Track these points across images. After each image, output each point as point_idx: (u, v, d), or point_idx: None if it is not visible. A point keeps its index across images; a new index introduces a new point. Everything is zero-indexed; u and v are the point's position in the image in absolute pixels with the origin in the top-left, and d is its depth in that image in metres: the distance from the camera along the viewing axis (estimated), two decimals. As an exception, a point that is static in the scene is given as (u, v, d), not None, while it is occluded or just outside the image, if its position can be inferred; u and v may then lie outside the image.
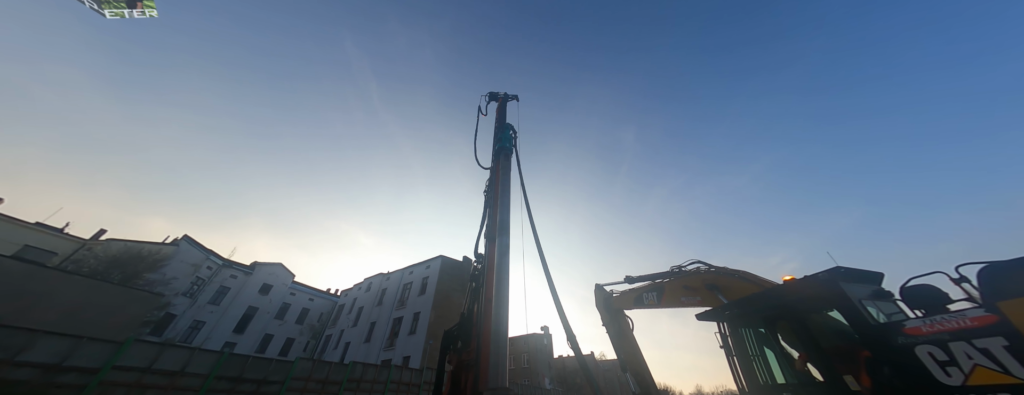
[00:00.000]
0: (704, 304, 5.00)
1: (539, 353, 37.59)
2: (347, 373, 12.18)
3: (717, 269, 5.00)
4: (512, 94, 11.04)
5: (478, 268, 8.19)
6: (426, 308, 25.83)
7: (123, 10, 8.74)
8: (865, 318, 2.93)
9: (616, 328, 6.84)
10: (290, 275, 36.38)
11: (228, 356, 9.81)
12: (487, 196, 9.52)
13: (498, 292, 5.81)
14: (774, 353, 3.94)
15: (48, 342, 7.32)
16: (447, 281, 27.59)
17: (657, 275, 6.08)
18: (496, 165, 9.55)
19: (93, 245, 22.83)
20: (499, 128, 10.69)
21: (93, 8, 8.40)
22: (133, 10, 8.84)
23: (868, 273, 3.42)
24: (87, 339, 7.80)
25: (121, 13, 8.77)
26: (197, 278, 27.93)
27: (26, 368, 6.86)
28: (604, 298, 7.25)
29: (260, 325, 31.99)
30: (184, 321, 26.75)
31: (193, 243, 28.24)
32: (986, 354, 2.28)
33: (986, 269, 2.52)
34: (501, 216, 7.55)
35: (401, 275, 31.48)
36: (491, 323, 5.67)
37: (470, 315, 7.57)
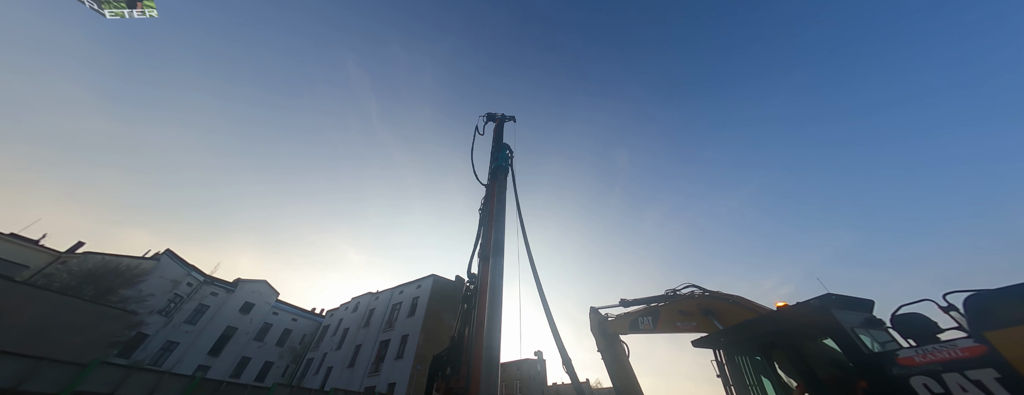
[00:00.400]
0: (700, 329, 4.93)
1: (532, 380, 35.91)
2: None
3: (711, 293, 4.97)
4: (509, 115, 11.35)
5: (471, 288, 8.01)
6: (415, 330, 24.82)
7: (123, 10, 8.59)
8: (859, 347, 2.91)
9: (612, 354, 6.65)
10: (274, 293, 35.00)
11: (200, 381, 9.18)
12: (482, 214, 9.52)
13: (490, 315, 5.65)
14: (771, 382, 3.85)
15: (4, 364, 6.80)
16: (438, 302, 26.76)
17: (652, 299, 6.02)
18: (492, 184, 9.64)
19: (68, 258, 21.88)
20: (496, 147, 10.91)
21: (93, 8, 8.25)
22: (133, 10, 8.71)
23: (859, 300, 3.44)
24: (48, 361, 7.27)
25: (121, 13, 8.62)
26: (175, 295, 26.68)
27: (-24, 393, 6.33)
28: (599, 322, 7.10)
29: (238, 347, 30.27)
30: (156, 342, 25.21)
31: (175, 258, 27.26)
32: (979, 386, 2.26)
33: (972, 298, 2.55)
34: (496, 235, 7.51)
35: (390, 295, 30.48)
36: (482, 348, 5.47)
37: (461, 339, 7.30)
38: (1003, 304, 2.35)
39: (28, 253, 20.84)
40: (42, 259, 21.17)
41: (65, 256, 22.10)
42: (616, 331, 6.84)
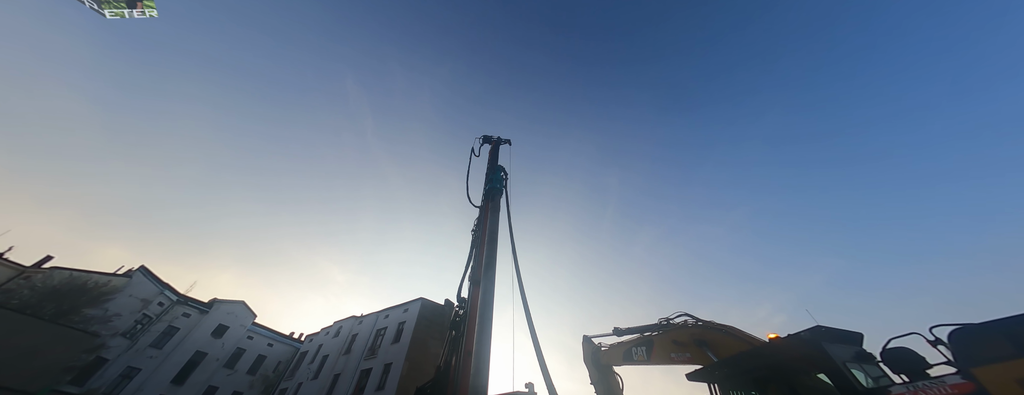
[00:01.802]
0: (694, 361, 4.80)
1: (520, 415, 33.70)
2: (297, 438, 10.45)
3: (704, 323, 4.89)
4: (505, 138, 11.63)
5: (460, 314, 7.73)
6: (399, 358, 23.46)
7: (123, 10, 8.55)
8: (852, 383, 2.88)
9: (605, 387, 6.37)
10: (251, 315, 33.17)
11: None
12: (474, 236, 9.44)
13: (479, 343, 5.39)
14: None
15: (-61, 392, 6.15)
16: (425, 327, 25.60)
17: (645, 327, 5.89)
18: (486, 205, 9.66)
19: (32, 273, 20.64)
20: (491, 169, 11.05)
21: (93, 8, 8.20)
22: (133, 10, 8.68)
23: (848, 333, 3.44)
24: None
25: (121, 13, 8.58)
26: (144, 315, 25.07)
27: (-102, 426, 5.65)
28: (593, 352, 6.86)
29: (205, 375, 28.09)
30: (115, 367, 23.26)
31: (149, 275, 25.96)
32: None
33: (957, 332, 2.58)
34: (487, 258, 7.39)
35: (375, 319, 29.13)
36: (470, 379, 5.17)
37: (447, 369, 6.95)
38: (987, 340, 2.37)
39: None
40: (4, 274, 19.94)
41: (29, 271, 20.87)
42: (609, 362, 6.60)
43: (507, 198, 9.35)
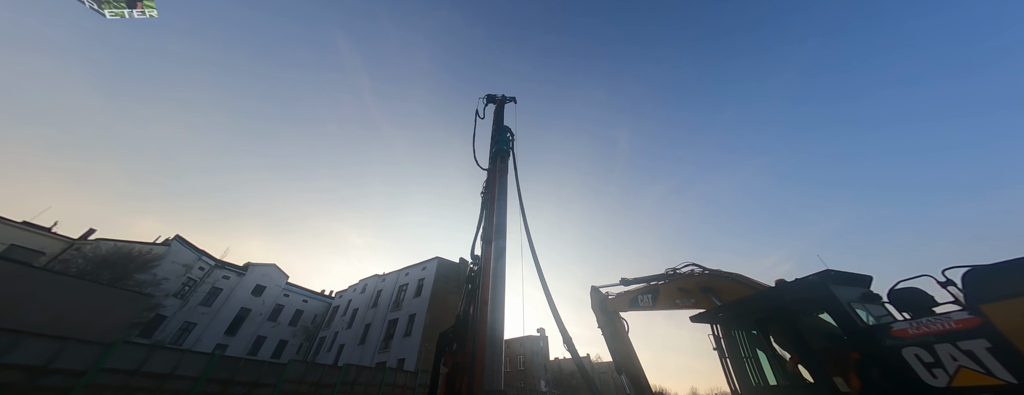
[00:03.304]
0: (698, 306, 5.06)
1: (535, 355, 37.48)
2: (341, 376, 12.05)
3: (711, 272, 5.05)
4: (510, 96, 11.10)
5: (474, 270, 8.18)
6: (422, 310, 25.65)
7: (123, 10, 8.75)
8: (854, 320, 2.99)
9: (611, 330, 6.87)
10: (284, 276, 35.98)
11: (219, 358, 9.66)
12: (484, 198, 9.54)
13: (494, 294, 5.81)
14: (766, 355, 3.99)
15: (32, 344, 7.16)
16: (443, 283, 27.44)
17: (652, 277, 6.13)
18: (493, 167, 9.59)
19: (82, 245, 22.43)
20: (496, 130, 10.73)
21: (93, 8, 8.41)
22: (133, 10, 8.87)
23: (857, 276, 3.49)
24: (73, 341, 7.64)
25: (121, 13, 8.78)
26: (188, 279, 27.52)
27: (9, 370, 6.71)
28: (600, 300, 7.28)
29: (252, 327, 31.56)
30: (174, 323, 26.31)
31: (185, 243, 27.86)
32: (970, 356, 2.33)
33: (970, 273, 2.58)
34: (498, 219, 7.57)
35: (396, 277, 31.25)
36: (487, 325, 5.67)
37: (466, 317, 7.55)
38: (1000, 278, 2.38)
39: (43, 240, 21.37)
40: (57, 246, 21.73)
41: (79, 243, 22.65)
42: (616, 309, 7.03)
43: (515, 159, 9.24)
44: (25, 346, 7.05)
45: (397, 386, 13.79)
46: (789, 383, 3.68)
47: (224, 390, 9.37)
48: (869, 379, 2.84)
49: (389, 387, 13.43)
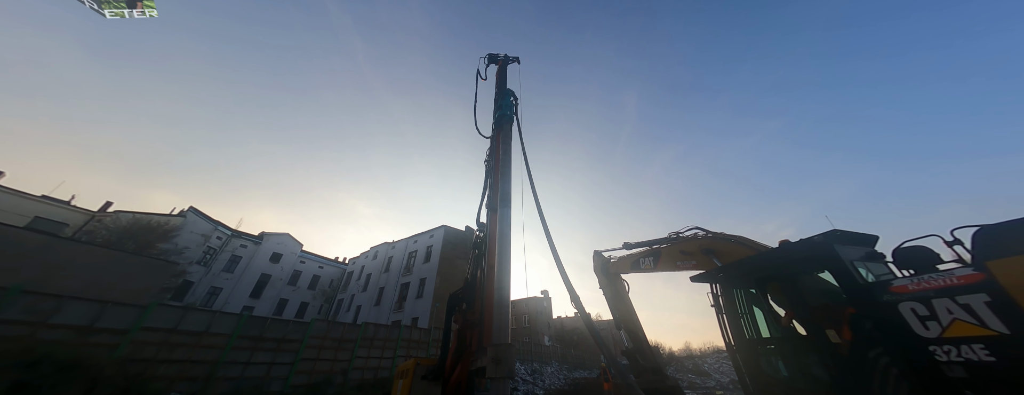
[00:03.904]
0: (699, 268, 5.18)
1: (539, 315, 39.91)
2: (360, 332, 13.05)
3: (714, 234, 5.10)
4: (512, 56, 10.47)
5: (480, 237, 8.38)
6: (431, 274, 26.92)
7: (123, 10, 8.76)
8: (854, 277, 3.04)
9: (612, 291, 7.18)
10: (298, 244, 37.44)
11: (248, 317, 10.44)
12: (488, 166, 9.43)
13: (500, 259, 6.01)
14: (762, 311, 4.17)
15: (75, 306, 7.76)
16: (450, 249, 28.42)
17: (655, 241, 6.23)
18: (497, 134, 9.33)
19: (102, 217, 23.25)
20: (499, 94, 10.26)
21: (93, 8, 8.42)
22: (133, 10, 8.88)
23: (864, 236, 3.49)
24: (112, 304, 8.25)
25: (121, 13, 8.79)
26: (208, 248, 28.81)
27: (60, 329, 7.35)
28: (602, 263, 7.51)
29: (274, 291, 33.66)
30: (202, 288, 28.11)
31: (200, 214, 28.70)
32: (967, 309, 2.39)
33: (980, 231, 2.56)
34: (502, 187, 7.53)
35: (406, 244, 32.37)
36: (494, 286, 5.93)
37: (474, 280, 7.89)
38: (1010, 235, 2.36)
39: (64, 212, 22.15)
40: (78, 218, 22.57)
41: (99, 215, 23.47)
42: (617, 271, 7.26)
43: (519, 125, 8.96)
44: (68, 308, 7.65)
45: (412, 341, 14.98)
46: (782, 336, 3.88)
47: (255, 345, 10.26)
48: (861, 331, 2.97)
49: (405, 342, 14.58)
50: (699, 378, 32.78)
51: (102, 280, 10.20)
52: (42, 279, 8.28)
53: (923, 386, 2.56)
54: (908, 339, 2.64)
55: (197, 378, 8.86)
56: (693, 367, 38.35)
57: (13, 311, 6.92)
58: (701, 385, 27.62)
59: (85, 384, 6.25)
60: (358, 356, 12.58)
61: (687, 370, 36.05)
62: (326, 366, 11.61)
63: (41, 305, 7.29)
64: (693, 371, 35.99)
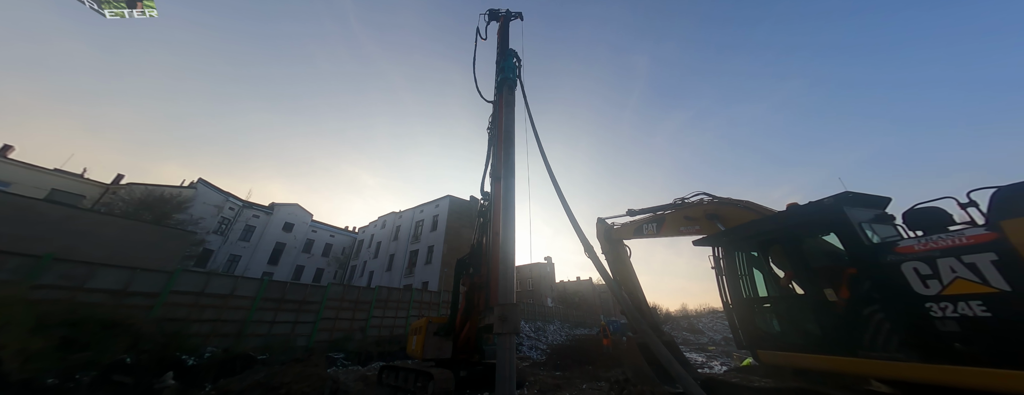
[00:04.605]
0: (702, 233, 5.22)
1: (542, 279, 41.68)
2: (375, 295, 13.86)
3: (720, 200, 5.06)
4: (515, 12, 9.72)
5: (485, 206, 8.47)
6: (439, 242, 27.79)
7: (123, 10, 8.81)
8: (860, 239, 3.04)
9: (614, 255, 7.36)
10: (308, 214, 38.39)
11: (269, 282, 11.08)
12: (491, 133, 9.22)
13: (504, 227, 6.12)
14: (762, 273, 4.26)
15: (107, 273, 8.25)
16: (456, 218, 28.98)
17: (660, 207, 6.23)
18: (499, 99, 8.99)
19: (116, 189, 23.81)
20: (501, 55, 9.71)
21: (93, 8, 8.45)
22: (133, 10, 8.94)
23: (875, 198, 3.42)
24: (141, 270, 8.76)
25: (121, 13, 8.84)
26: (222, 218, 29.73)
27: (96, 293, 7.90)
28: (605, 230, 7.62)
29: (290, 258, 35.26)
30: (221, 255, 29.52)
31: (209, 186, 29.20)
32: (971, 268, 2.41)
33: (999, 191, 2.50)
34: (506, 154, 7.43)
35: (412, 213, 33.01)
36: (499, 251, 6.11)
37: (479, 246, 8.14)
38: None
39: (79, 185, 22.69)
40: (94, 191, 23.15)
41: (113, 187, 24.01)
42: (620, 237, 7.38)
43: (523, 88, 8.56)
44: (101, 274, 8.15)
45: (423, 303, 15.92)
46: (779, 295, 4.01)
47: (278, 307, 11.00)
48: (859, 290, 3.04)
49: (417, 303, 15.52)
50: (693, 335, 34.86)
51: (126, 249, 10.72)
52: (69, 248, 8.72)
53: (913, 339, 2.66)
54: (905, 297, 2.71)
55: (228, 335, 9.66)
56: (688, 326, 40.60)
57: (50, 277, 7.40)
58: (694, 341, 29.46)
59: (127, 341, 6.86)
60: (374, 316, 13.50)
61: (682, 329, 38.24)
62: (345, 324, 12.53)
63: (74, 271, 7.77)
64: (688, 329, 38.19)
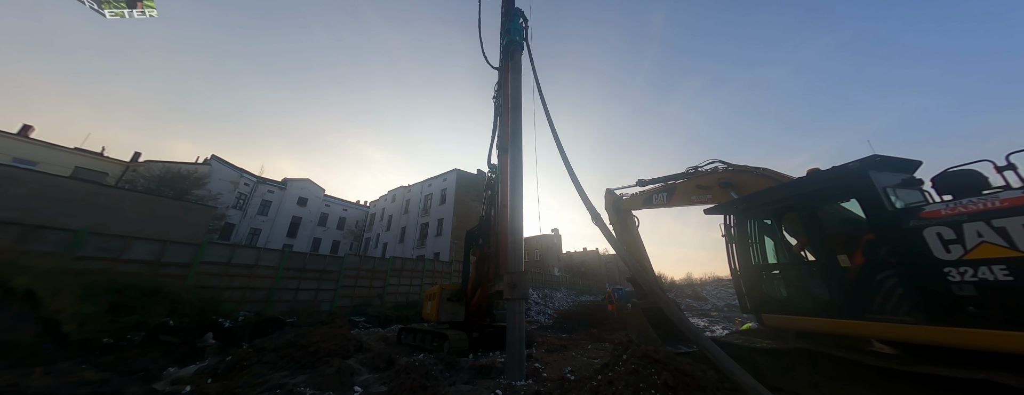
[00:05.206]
0: (714, 202, 5.12)
1: (550, 250, 42.64)
2: (389, 265, 14.51)
3: (736, 167, 4.89)
4: (520, -35, 8.93)
5: (492, 178, 8.43)
6: (448, 215, 28.31)
7: (123, 10, 8.88)
8: (883, 205, 2.92)
9: (622, 226, 7.38)
10: (320, 189, 39.20)
11: (289, 253, 11.65)
12: (497, 103, 8.92)
13: (512, 198, 6.14)
14: (774, 241, 4.22)
15: (140, 245, 8.77)
16: (464, 192, 29.20)
17: (671, 177, 6.09)
18: (505, 64, 8.58)
19: (136, 166, 24.52)
20: (506, 15, 9.12)
21: (93, 8, 8.52)
22: (133, 10, 9.01)
23: (904, 161, 3.23)
24: (171, 242, 9.27)
25: (121, 13, 8.91)
26: (239, 194, 30.65)
27: (133, 263, 8.47)
28: (614, 200, 7.57)
29: (307, 231, 36.69)
30: (243, 229, 30.88)
31: (223, 162, 29.76)
32: (1000, 232, 2.31)
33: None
34: (513, 123, 7.24)
35: (421, 187, 33.35)
36: (508, 222, 6.19)
37: (488, 218, 8.24)
38: None
39: (100, 163, 23.41)
40: (115, 168, 23.90)
41: (133, 165, 24.72)
42: (628, 207, 7.34)
43: (529, 51, 8.10)
44: (135, 247, 8.68)
45: (436, 272, 16.64)
46: (789, 262, 3.99)
47: (300, 276, 11.66)
48: (874, 256, 2.99)
49: (430, 273, 16.23)
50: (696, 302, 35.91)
51: (153, 223, 11.27)
52: (101, 223, 9.21)
53: (926, 303, 2.65)
54: (923, 262, 2.65)
55: (258, 301, 10.40)
56: (692, 293, 41.66)
57: (89, 249, 7.92)
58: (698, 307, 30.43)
59: (168, 306, 7.46)
60: (390, 284, 14.24)
61: (686, 296, 39.31)
62: (364, 292, 13.30)
63: (110, 244, 8.28)
64: (691, 296, 39.24)
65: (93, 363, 4.84)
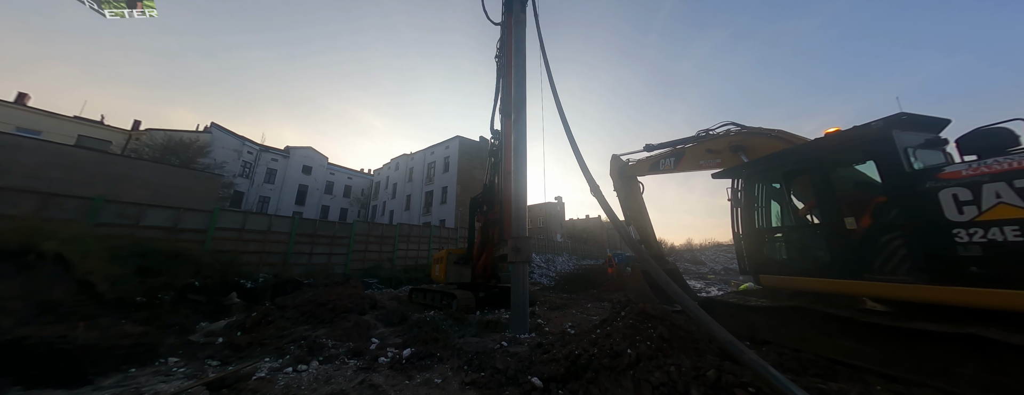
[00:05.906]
0: (723, 166, 5.02)
1: (553, 217, 43.30)
2: (397, 231, 14.94)
3: (749, 129, 4.70)
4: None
5: (495, 145, 8.26)
6: (452, 183, 28.40)
7: (123, 10, 8.91)
8: (901, 166, 2.83)
9: (627, 192, 7.37)
10: (323, 157, 39.10)
11: (300, 219, 11.98)
12: (499, 63, 8.44)
13: (516, 165, 6.07)
14: (780, 205, 4.19)
15: (156, 212, 9.04)
16: (466, 159, 28.95)
17: (680, 141, 5.92)
18: (508, 19, 7.97)
19: (139, 135, 24.41)
20: (509, -40, 8.23)
21: (93, 8, 8.58)
22: (133, 10, 9.04)
23: (932, 120, 3.05)
24: (185, 209, 9.53)
25: (121, 13, 8.92)
26: (244, 162, 30.75)
27: (152, 230, 8.80)
28: (619, 166, 7.46)
29: (315, 199, 37.35)
30: (252, 197, 31.50)
31: (224, 130, 29.44)
32: (1021, 193, 2.26)
33: None
34: (516, 85, 6.90)
35: (423, 155, 33.06)
36: (512, 189, 6.20)
37: (491, 185, 8.23)
38: None
39: (103, 132, 23.32)
40: (118, 137, 23.84)
41: (135, 133, 24.59)
42: (634, 173, 7.25)
43: (534, 4, 7.44)
44: (151, 213, 8.95)
45: (442, 238, 17.15)
46: (794, 225, 4.01)
47: (312, 241, 12.10)
48: (882, 218, 2.97)
49: (436, 238, 16.74)
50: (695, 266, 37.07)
51: (164, 191, 11.49)
52: (112, 192, 9.40)
53: (928, 263, 2.67)
54: (932, 223, 2.63)
55: (275, 264, 10.94)
56: (691, 258, 42.84)
57: (107, 216, 8.19)
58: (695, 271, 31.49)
59: (191, 268, 7.88)
60: (399, 249, 14.79)
61: (685, 260, 40.48)
62: (374, 256, 13.87)
63: (127, 211, 8.54)
64: (690, 261, 40.41)
65: (131, 319, 5.27)
